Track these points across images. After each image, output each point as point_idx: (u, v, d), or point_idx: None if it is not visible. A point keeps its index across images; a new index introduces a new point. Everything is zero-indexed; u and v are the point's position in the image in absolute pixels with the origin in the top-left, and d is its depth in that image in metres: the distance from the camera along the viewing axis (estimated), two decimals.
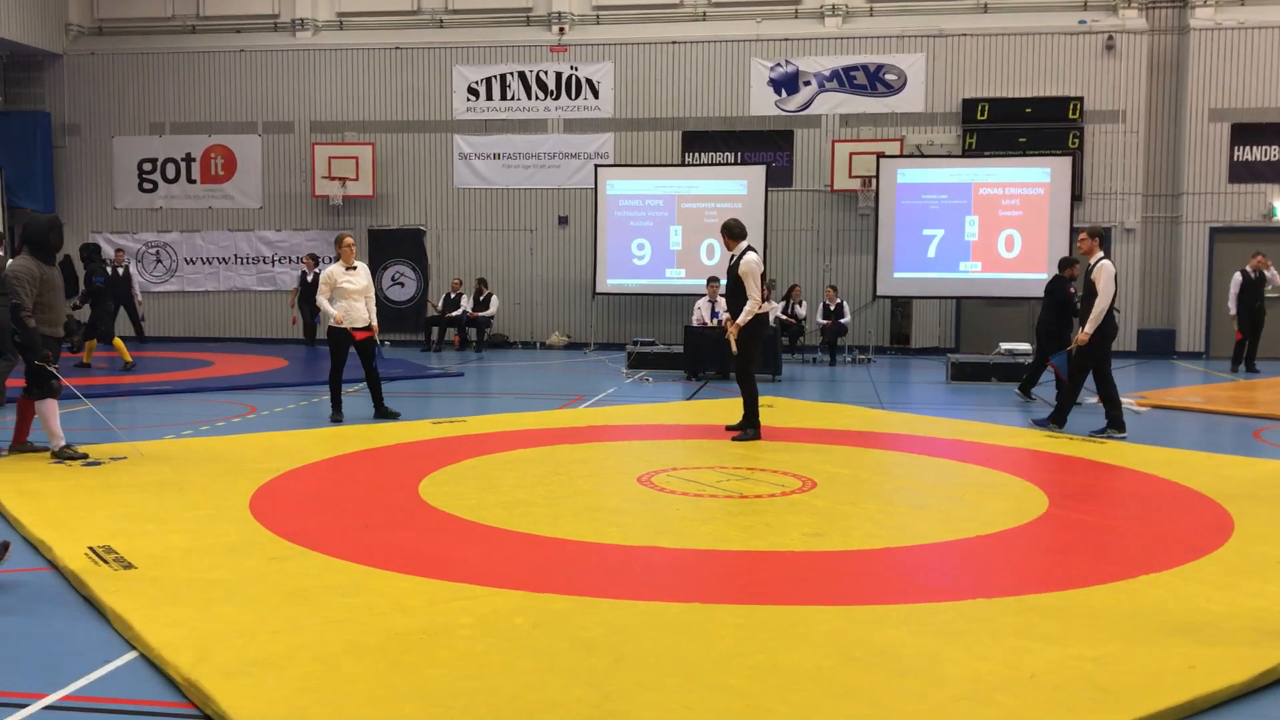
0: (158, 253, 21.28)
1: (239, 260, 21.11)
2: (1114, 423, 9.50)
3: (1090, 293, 9.51)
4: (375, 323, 10.40)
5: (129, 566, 4.98)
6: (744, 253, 9.15)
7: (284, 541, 5.47)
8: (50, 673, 3.83)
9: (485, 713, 3.39)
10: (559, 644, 4.01)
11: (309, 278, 18.60)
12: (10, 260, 7.86)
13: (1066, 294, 11.50)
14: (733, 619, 4.31)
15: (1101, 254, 9.64)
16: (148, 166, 21.34)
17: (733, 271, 9.18)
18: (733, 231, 9.27)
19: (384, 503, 6.47)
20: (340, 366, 10.36)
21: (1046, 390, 12.33)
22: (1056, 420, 9.87)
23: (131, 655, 4.01)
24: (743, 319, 9.06)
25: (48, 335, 7.81)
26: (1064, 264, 12.14)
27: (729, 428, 9.40)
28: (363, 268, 10.34)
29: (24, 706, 3.54)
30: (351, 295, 10.13)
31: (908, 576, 5.09)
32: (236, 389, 12.78)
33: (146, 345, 18.10)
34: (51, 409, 7.80)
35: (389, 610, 4.38)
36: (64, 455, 7.75)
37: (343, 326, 10.15)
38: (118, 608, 4.36)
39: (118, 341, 14.50)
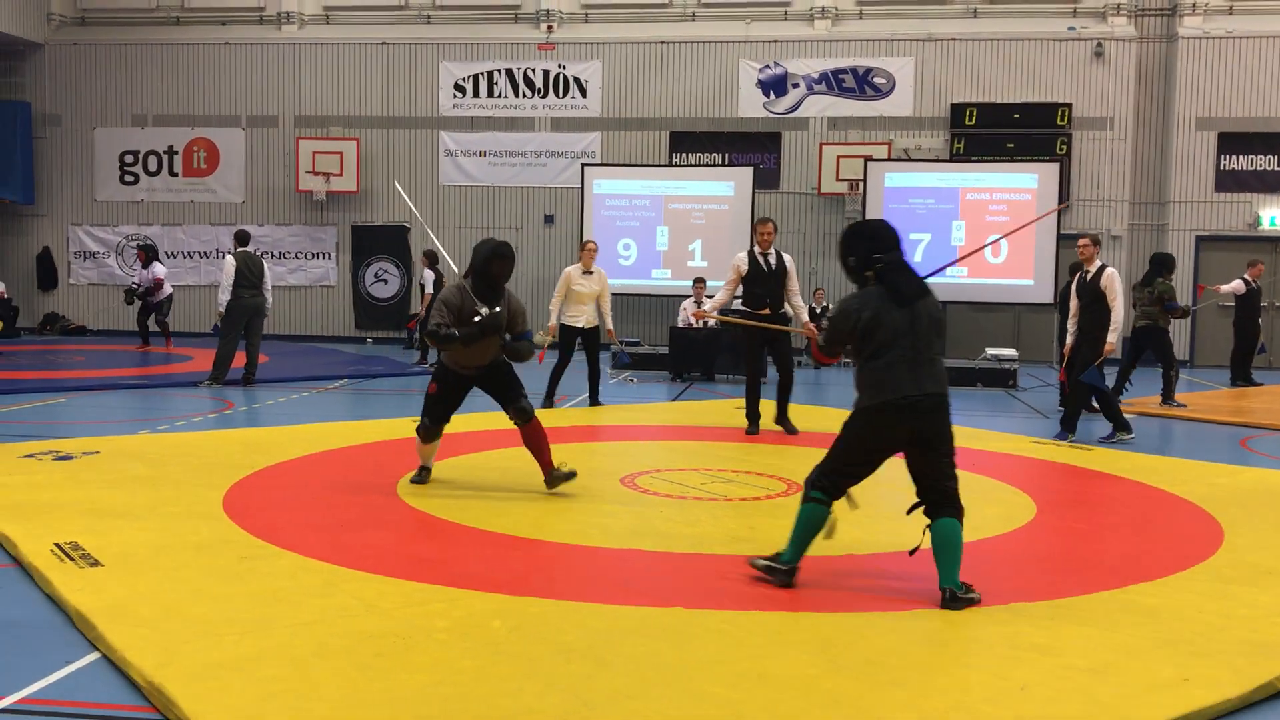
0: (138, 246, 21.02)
1: (221, 255, 20.83)
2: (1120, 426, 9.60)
3: (1096, 301, 9.40)
4: (610, 326, 11.07)
5: (95, 564, 4.83)
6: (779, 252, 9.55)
7: (256, 540, 5.32)
8: (6, 673, 3.68)
9: None
10: (537, 649, 3.88)
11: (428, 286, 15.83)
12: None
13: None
14: (717, 624, 4.19)
15: (1100, 262, 9.61)
16: (129, 159, 21.08)
17: (781, 271, 9.30)
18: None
19: (361, 501, 6.33)
20: (566, 362, 10.82)
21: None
22: (1070, 428, 9.59)
23: (94, 656, 3.87)
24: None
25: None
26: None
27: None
28: (599, 272, 10.58)
29: None
30: (584, 299, 10.47)
31: (895, 582, 4.98)
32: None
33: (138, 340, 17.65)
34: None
35: (361, 612, 4.25)
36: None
37: (572, 325, 10.64)
38: (81, 606, 4.22)
39: None
